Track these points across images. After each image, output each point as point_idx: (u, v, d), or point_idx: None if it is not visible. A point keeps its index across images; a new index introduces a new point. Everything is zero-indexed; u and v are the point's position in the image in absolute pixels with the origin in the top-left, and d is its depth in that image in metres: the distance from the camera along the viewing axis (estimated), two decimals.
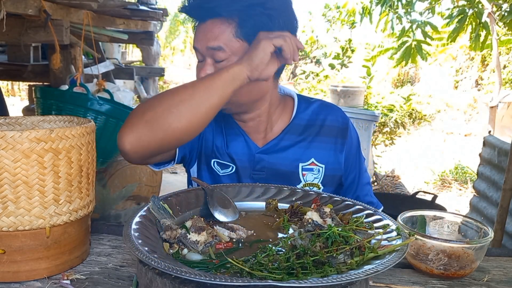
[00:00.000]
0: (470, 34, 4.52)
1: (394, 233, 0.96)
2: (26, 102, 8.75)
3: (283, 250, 0.90)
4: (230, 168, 1.40)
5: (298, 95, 1.50)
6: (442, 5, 4.76)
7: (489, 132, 5.04)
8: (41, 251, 0.98)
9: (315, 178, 1.40)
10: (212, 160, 1.41)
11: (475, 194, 3.74)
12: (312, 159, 1.40)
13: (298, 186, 1.36)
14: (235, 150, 1.40)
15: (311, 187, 1.37)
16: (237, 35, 1.23)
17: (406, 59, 4.53)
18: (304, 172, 1.39)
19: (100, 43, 4.11)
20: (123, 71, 4.90)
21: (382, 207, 1.46)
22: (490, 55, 9.01)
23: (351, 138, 1.46)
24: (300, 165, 1.40)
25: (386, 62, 10.06)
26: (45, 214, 0.96)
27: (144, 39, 4.42)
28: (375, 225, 1.01)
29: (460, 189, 6.21)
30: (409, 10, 4.54)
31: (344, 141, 1.43)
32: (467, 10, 4.20)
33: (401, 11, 4.58)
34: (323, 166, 1.41)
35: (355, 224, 0.97)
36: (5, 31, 2.23)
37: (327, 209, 1.03)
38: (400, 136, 8.53)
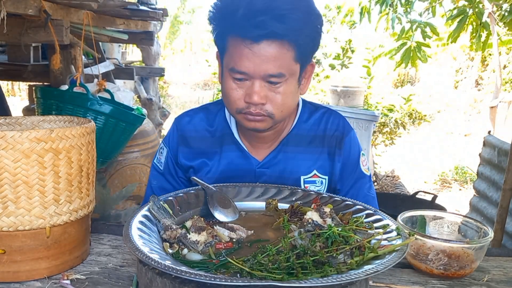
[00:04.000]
0: (471, 34, 4.52)
1: (394, 233, 0.96)
2: (26, 102, 8.76)
3: (283, 250, 0.90)
4: None
5: (303, 102, 1.43)
6: (442, 5, 4.76)
7: (489, 132, 5.05)
8: (41, 251, 0.98)
9: (318, 190, 1.35)
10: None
11: (475, 194, 3.74)
12: (315, 171, 1.36)
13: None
14: (235, 168, 1.36)
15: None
16: (295, 58, 1.18)
17: (405, 62, 4.52)
18: (306, 185, 1.36)
19: (100, 43, 4.11)
20: (123, 71, 4.90)
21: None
22: (490, 55, 9.01)
23: (349, 149, 1.39)
24: (302, 178, 1.36)
25: (386, 63, 10.07)
26: (45, 214, 0.96)
27: (144, 39, 4.41)
28: (375, 225, 1.01)
29: (460, 189, 6.21)
30: (408, 9, 4.53)
31: (340, 151, 1.37)
32: (467, 10, 4.20)
33: (400, 10, 4.57)
34: (326, 177, 1.37)
35: (355, 224, 0.97)
36: (5, 31, 2.23)
37: (327, 209, 1.03)
38: (400, 136, 8.51)
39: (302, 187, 1.35)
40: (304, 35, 1.17)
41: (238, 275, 0.82)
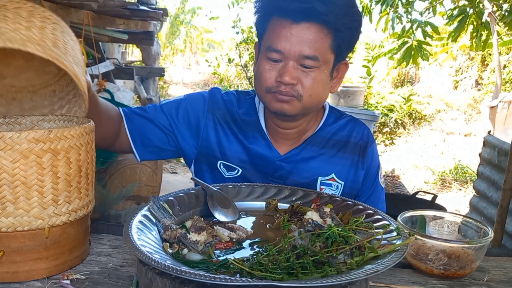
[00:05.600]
0: (471, 33, 4.52)
1: (394, 233, 0.96)
2: None
3: (283, 250, 0.90)
4: (236, 171, 1.38)
5: (330, 107, 1.46)
6: (443, 5, 4.76)
7: (489, 132, 5.04)
8: (40, 252, 0.97)
9: (333, 194, 1.34)
10: (219, 162, 1.39)
11: (475, 194, 3.74)
12: (333, 175, 1.37)
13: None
14: (255, 155, 1.37)
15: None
16: (331, 46, 1.21)
17: (406, 60, 4.52)
18: (322, 187, 1.37)
19: (100, 43, 4.11)
20: (123, 71, 4.90)
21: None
22: (490, 55, 9.01)
23: (372, 159, 1.42)
24: (319, 179, 1.37)
25: (386, 62, 10.07)
26: (44, 215, 0.96)
27: (144, 39, 4.41)
28: (375, 225, 1.01)
29: (460, 189, 6.21)
30: (409, 9, 4.53)
31: (364, 159, 1.39)
32: (467, 10, 4.20)
33: (401, 10, 4.57)
34: (343, 183, 1.38)
35: (355, 224, 0.97)
36: None
37: (327, 209, 1.03)
38: (400, 136, 8.52)
39: (318, 188, 1.36)
40: (343, 24, 1.19)
41: (238, 275, 0.82)
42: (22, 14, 0.99)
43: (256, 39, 1.37)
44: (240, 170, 1.37)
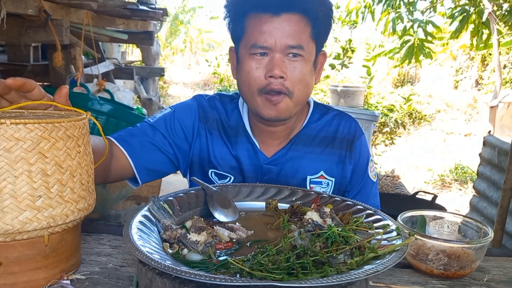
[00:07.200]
0: (471, 33, 4.53)
1: (394, 233, 0.96)
2: None
3: (283, 250, 0.90)
4: (228, 179, 1.37)
5: (315, 103, 1.44)
6: (444, 4, 4.76)
7: (489, 132, 5.04)
8: (40, 261, 0.94)
9: (324, 191, 1.33)
10: (210, 170, 1.38)
11: (475, 194, 3.75)
12: (322, 172, 1.36)
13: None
14: (243, 161, 1.36)
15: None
16: (311, 35, 1.23)
17: (409, 58, 4.52)
18: (312, 185, 1.35)
19: (100, 43, 4.12)
20: (123, 71, 4.90)
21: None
22: (490, 55, 9.01)
23: (360, 153, 1.39)
24: (308, 177, 1.35)
25: (387, 62, 10.06)
26: (43, 222, 0.92)
27: (144, 39, 4.42)
28: (375, 225, 1.01)
29: (460, 189, 6.21)
30: (411, 9, 4.53)
31: (351, 154, 1.37)
32: (468, 9, 4.21)
33: (403, 9, 4.57)
34: (333, 180, 1.36)
35: (355, 224, 0.97)
36: (5, 31, 2.23)
37: (327, 209, 1.03)
38: (400, 136, 8.52)
39: (308, 187, 1.35)
40: (321, 11, 1.22)
41: (238, 275, 0.82)
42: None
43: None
44: (232, 178, 1.37)
